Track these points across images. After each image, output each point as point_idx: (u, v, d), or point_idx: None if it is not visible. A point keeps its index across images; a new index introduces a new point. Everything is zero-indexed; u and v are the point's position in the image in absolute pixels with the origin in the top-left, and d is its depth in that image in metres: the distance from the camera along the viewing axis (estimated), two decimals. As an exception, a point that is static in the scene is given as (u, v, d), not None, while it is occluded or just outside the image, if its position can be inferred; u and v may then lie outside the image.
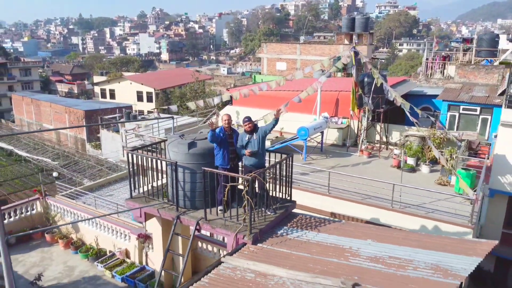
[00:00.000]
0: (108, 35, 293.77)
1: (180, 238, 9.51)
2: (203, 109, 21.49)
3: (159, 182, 9.55)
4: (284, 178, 9.32)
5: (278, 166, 9.13)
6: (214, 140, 8.76)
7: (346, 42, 36.34)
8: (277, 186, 9.25)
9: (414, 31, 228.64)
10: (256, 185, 8.39)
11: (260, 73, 57.25)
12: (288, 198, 9.62)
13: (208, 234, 11.64)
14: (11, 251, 12.10)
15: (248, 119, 9.32)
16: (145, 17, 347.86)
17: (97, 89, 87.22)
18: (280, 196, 9.48)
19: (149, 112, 67.22)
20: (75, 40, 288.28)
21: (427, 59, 26.89)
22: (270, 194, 8.96)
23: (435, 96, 22.02)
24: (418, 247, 7.64)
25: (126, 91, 74.63)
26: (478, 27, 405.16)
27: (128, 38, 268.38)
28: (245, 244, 7.83)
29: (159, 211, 8.90)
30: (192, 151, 8.81)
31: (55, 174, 41.68)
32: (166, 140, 9.27)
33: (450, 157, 14.84)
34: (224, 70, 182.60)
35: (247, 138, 9.13)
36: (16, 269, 11.90)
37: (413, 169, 15.31)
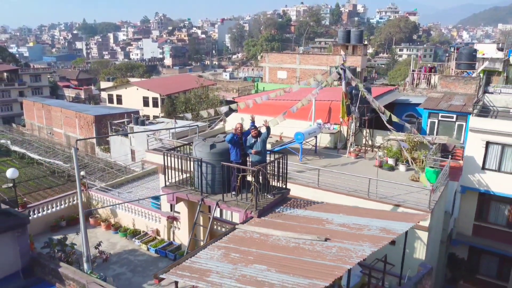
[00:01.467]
0: (111, 40, 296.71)
1: (201, 217, 12.28)
2: (210, 116, 24.07)
3: (186, 175, 12.28)
4: (281, 171, 12.13)
5: (276, 163, 11.92)
6: (231, 141, 11.41)
7: (342, 52, 39.02)
8: (276, 177, 12.05)
9: (414, 37, 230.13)
10: (260, 176, 11.13)
11: (261, 78, 60.11)
12: (284, 186, 12.40)
13: (220, 216, 14.27)
14: (62, 232, 14.80)
15: (254, 127, 12.07)
16: (148, 22, 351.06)
17: (103, 95, 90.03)
18: (279, 185, 12.27)
19: (155, 117, 69.47)
20: (79, 45, 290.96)
21: (413, 70, 29.69)
22: (271, 183, 11.74)
23: (418, 104, 24.72)
24: (374, 218, 10.40)
25: (132, 96, 77.07)
26: (479, 32, 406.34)
27: (131, 43, 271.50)
28: (252, 217, 10.56)
29: (188, 195, 11.63)
30: (213, 151, 11.63)
31: (82, 173, 44.46)
32: (192, 143, 12.02)
33: (425, 157, 17.55)
34: (226, 75, 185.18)
35: (253, 141, 11.86)
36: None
37: (392, 168, 17.97)
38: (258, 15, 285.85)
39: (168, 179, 11.96)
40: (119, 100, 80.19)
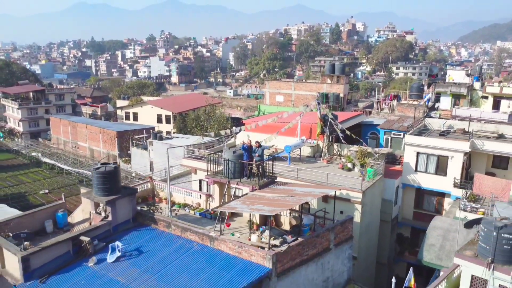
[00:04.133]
0: (119, 58, 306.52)
1: (226, 193, 20.76)
2: (225, 134, 32.12)
3: (218, 168, 20.84)
4: (272, 166, 20.82)
5: (271, 163, 20.70)
6: (243, 149, 19.90)
7: (329, 81, 48.04)
8: (270, 171, 20.74)
9: (411, 55, 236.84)
10: (260, 168, 19.67)
11: (263, 95, 68.71)
12: (274, 175, 20.99)
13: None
14: (139, 205, 23.32)
15: (257, 142, 20.71)
16: (154, 40, 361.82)
17: (119, 112, 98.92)
18: (271, 174, 20.93)
19: (167, 132, 77.25)
20: (88, 62, 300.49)
21: (378, 99, 38.37)
22: (266, 173, 20.45)
23: (378, 125, 33.42)
24: (317, 189, 18.98)
25: (147, 114, 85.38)
26: (477, 49, 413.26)
27: (139, 61, 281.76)
28: (255, 189, 18.98)
29: (220, 179, 20.09)
30: (235, 154, 19.82)
31: (133, 174, 52.77)
32: (221, 151, 20.76)
33: (369, 162, 26.13)
34: (230, 92, 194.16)
35: (256, 150, 20.42)
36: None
37: (350, 169, 26.35)
38: (261, 34, 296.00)
39: (209, 170, 20.54)
40: (135, 117, 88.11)
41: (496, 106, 55.09)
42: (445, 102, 56.82)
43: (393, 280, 16.44)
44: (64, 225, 19.32)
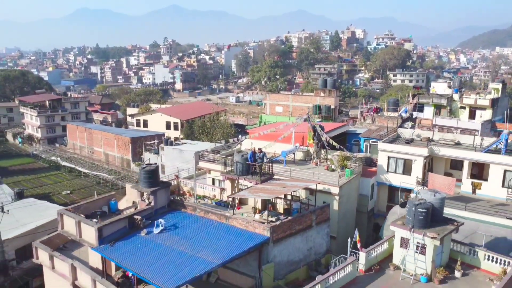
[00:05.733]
0: (124, 65, 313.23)
1: (236, 185, 27.30)
2: (232, 142, 38.86)
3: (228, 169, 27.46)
4: (270, 167, 27.51)
5: (269, 165, 27.41)
6: (250, 154, 26.51)
7: (322, 94, 54.88)
8: (269, 170, 27.43)
9: (409, 63, 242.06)
10: (261, 167, 26.35)
11: (263, 103, 74.93)
12: (272, 173, 27.61)
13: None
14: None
15: (259, 148, 27.39)
16: (158, 47, 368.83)
17: (129, 119, 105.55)
18: (270, 172, 27.60)
19: (175, 138, 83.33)
20: (93, 69, 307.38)
21: (361, 111, 45.05)
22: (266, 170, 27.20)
23: (360, 134, 40.13)
24: (302, 183, 25.62)
25: (157, 121, 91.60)
26: (476, 55, 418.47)
27: (143, 67, 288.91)
28: (258, 183, 25.54)
29: (232, 176, 26.68)
30: (243, 158, 26.38)
31: (161, 175, 59.14)
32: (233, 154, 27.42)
33: (348, 164, 32.81)
34: (232, 99, 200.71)
35: (258, 155, 27.06)
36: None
37: (333, 170, 32.99)
38: (262, 41, 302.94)
39: (222, 171, 27.18)
40: (145, 124, 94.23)
41: (472, 115, 61.88)
42: (428, 112, 63.70)
43: (356, 232, 23.08)
44: (115, 210, 26.03)
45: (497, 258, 20.17)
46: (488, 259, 20.44)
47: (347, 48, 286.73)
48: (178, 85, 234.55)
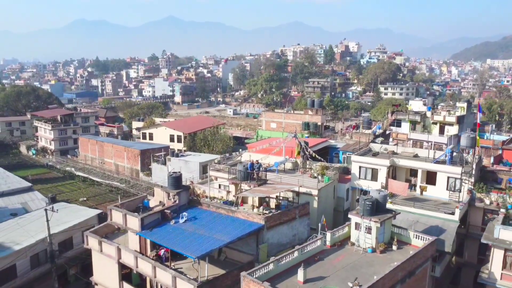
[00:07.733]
0: (124, 78, 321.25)
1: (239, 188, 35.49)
2: (233, 155, 47.27)
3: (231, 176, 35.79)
4: (265, 173, 35.98)
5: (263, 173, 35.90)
6: (249, 164, 34.87)
7: (310, 113, 63.75)
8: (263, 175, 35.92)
9: (399, 76, 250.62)
10: (258, 174, 34.77)
11: (259, 115, 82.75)
12: (266, 179, 36.00)
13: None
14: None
15: (257, 160, 35.83)
16: (156, 59, 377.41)
17: (135, 132, 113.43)
18: (264, 178, 36.03)
19: (179, 150, 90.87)
20: (94, 81, 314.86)
21: (341, 128, 53.66)
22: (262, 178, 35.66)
23: (339, 147, 48.75)
24: (288, 185, 34.02)
25: (161, 134, 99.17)
26: (467, 67, 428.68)
27: (143, 80, 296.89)
28: (256, 186, 33.84)
29: (235, 181, 34.94)
30: (244, 167, 34.56)
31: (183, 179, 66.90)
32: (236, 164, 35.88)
33: (326, 172, 41.33)
34: (230, 112, 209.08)
35: (256, 165, 35.43)
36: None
37: (315, 177, 41.42)
38: (259, 55, 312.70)
39: (228, 176, 35.55)
40: (151, 137, 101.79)
41: (441, 131, 70.73)
42: (405, 127, 72.54)
43: (323, 217, 31.57)
44: (148, 207, 34.38)
45: (421, 237, 28.75)
46: (416, 238, 29.01)
47: (341, 62, 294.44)
48: (178, 98, 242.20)
